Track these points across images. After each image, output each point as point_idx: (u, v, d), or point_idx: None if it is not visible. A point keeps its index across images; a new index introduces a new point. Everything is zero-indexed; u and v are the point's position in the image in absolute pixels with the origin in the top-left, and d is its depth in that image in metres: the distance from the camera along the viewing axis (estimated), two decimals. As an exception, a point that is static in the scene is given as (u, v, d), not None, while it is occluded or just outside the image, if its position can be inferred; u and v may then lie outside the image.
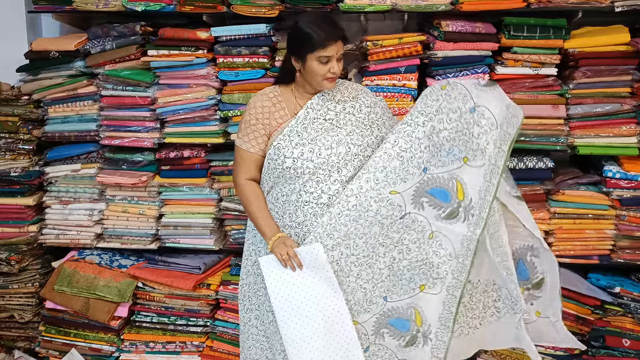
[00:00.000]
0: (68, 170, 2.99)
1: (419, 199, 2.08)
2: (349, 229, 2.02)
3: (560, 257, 2.81)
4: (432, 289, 2.13)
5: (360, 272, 2.07)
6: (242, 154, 2.12)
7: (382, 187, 2.03)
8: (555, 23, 2.65)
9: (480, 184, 2.07)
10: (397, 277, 2.11)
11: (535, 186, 2.79)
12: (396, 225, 2.07)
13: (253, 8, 2.75)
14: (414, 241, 2.10)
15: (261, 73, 2.83)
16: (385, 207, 2.04)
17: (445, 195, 2.09)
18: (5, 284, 3.01)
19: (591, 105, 2.72)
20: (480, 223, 2.05)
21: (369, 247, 2.06)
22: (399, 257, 2.10)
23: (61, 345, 2.99)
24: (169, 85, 2.88)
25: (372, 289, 2.09)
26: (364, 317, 2.11)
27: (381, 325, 2.14)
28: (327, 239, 2.01)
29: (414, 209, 2.08)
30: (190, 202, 2.97)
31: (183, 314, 2.95)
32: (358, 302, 2.08)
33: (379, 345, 2.17)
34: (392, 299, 2.13)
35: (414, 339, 2.16)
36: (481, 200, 2.06)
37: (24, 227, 3.04)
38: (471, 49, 2.71)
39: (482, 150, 2.05)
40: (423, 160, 2.06)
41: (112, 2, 2.84)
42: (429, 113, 2.04)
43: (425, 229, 2.11)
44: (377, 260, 2.08)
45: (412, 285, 2.13)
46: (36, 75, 2.97)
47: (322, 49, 1.98)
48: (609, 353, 2.76)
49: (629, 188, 2.74)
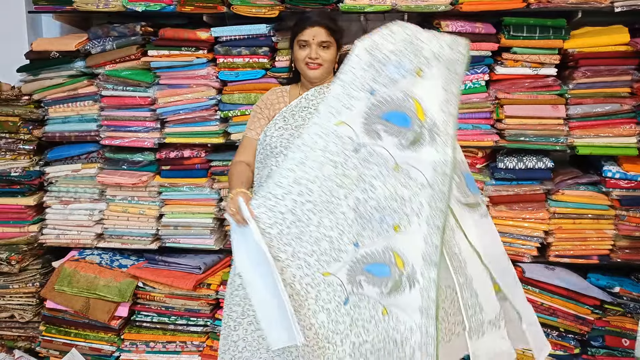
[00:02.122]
0: (68, 170, 2.99)
1: (373, 126, 1.81)
2: (297, 174, 1.84)
3: (560, 257, 2.82)
4: (408, 227, 1.84)
5: (321, 219, 1.87)
6: (243, 140, 2.19)
7: (324, 120, 1.81)
8: (554, 23, 2.66)
9: (440, 100, 1.79)
10: (366, 220, 1.87)
11: (535, 186, 2.80)
12: (351, 161, 1.83)
13: (253, 8, 2.76)
14: (376, 176, 1.83)
15: (261, 73, 2.83)
16: (333, 141, 1.81)
17: (404, 118, 1.80)
18: (6, 284, 3.01)
19: (591, 106, 2.72)
20: (448, 141, 1.76)
21: (325, 191, 1.85)
22: (363, 197, 1.86)
23: (61, 345, 2.99)
24: (169, 85, 2.88)
25: (338, 236, 1.89)
26: (335, 267, 1.92)
27: (356, 273, 1.92)
28: (275, 187, 1.87)
29: (369, 139, 1.82)
30: (190, 202, 2.98)
31: (183, 314, 2.95)
32: (325, 252, 1.90)
33: (358, 295, 1.95)
34: (364, 244, 1.89)
35: (398, 284, 1.89)
36: (445, 117, 1.78)
37: (24, 227, 3.05)
38: (471, 49, 2.71)
39: (436, 58, 1.79)
40: (367, 80, 1.79)
41: (112, 2, 2.84)
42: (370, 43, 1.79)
43: (388, 161, 1.82)
44: (339, 205, 1.86)
45: (384, 227, 1.86)
46: (36, 76, 2.97)
47: (301, 33, 2.06)
48: (609, 353, 2.77)
49: (628, 188, 2.75)
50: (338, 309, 1.98)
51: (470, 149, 2.81)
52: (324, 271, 1.92)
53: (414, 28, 1.79)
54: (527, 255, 2.83)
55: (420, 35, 1.78)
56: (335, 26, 2.10)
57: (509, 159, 2.77)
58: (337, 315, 1.98)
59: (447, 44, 1.80)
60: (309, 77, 2.12)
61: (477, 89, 2.75)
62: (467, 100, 2.74)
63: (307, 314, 1.96)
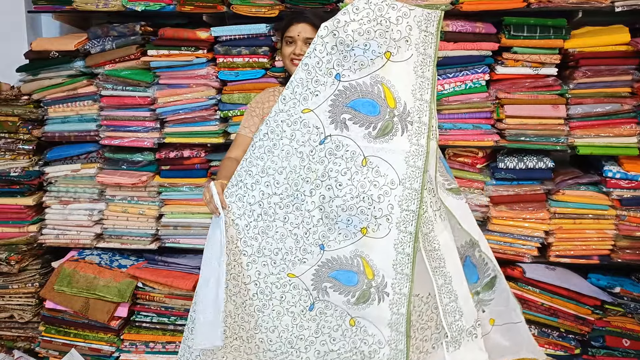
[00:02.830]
0: (68, 170, 2.99)
1: (339, 115, 1.71)
2: (266, 163, 1.78)
3: (560, 257, 2.82)
4: (377, 232, 1.74)
5: (287, 214, 1.79)
6: (236, 138, 2.23)
7: (291, 106, 1.74)
8: (555, 23, 2.65)
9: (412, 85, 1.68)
10: (332, 220, 1.77)
11: (535, 186, 2.79)
12: (317, 154, 1.74)
13: (253, 8, 2.75)
14: (343, 172, 1.73)
15: (261, 73, 2.83)
16: (299, 130, 1.74)
17: (372, 105, 1.70)
18: (5, 284, 3.01)
19: (591, 105, 2.72)
20: (423, 130, 1.66)
21: (291, 183, 1.78)
22: (329, 195, 1.75)
23: (61, 346, 2.98)
24: (168, 85, 2.88)
25: (304, 235, 1.80)
26: (301, 269, 1.83)
27: (322, 279, 1.83)
28: (246, 176, 1.82)
29: (335, 129, 1.72)
30: (190, 202, 2.97)
31: (183, 314, 2.94)
32: (290, 250, 1.82)
33: (324, 302, 1.87)
34: (330, 247, 1.78)
35: (366, 295, 1.80)
36: (418, 103, 1.67)
37: (23, 227, 3.04)
38: (471, 48, 2.71)
39: (406, 39, 1.68)
40: (332, 64, 1.69)
41: (112, 2, 2.84)
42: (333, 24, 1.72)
43: (356, 155, 1.72)
44: (304, 200, 1.77)
45: (351, 229, 1.76)
46: (36, 75, 2.96)
47: (287, 30, 2.12)
48: (609, 353, 2.76)
49: (629, 188, 2.74)
50: (303, 313, 1.89)
51: (470, 149, 2.81)
52: (289, 272, 1.84)
53: (380, 3, 1.66)
54: (528, 256, 2.83)
55: (387, 14, 1.66)
56: (321, 23, 2.09)
57: (510, 158, 2.76)
58: (302, 320, 1.89)
59: (417, 23, 1.67)
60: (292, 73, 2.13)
61: (478, 88, 2.74)
62: (467, 100, 2.74)
63: (271, 315, 1.90)
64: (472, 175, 2.81)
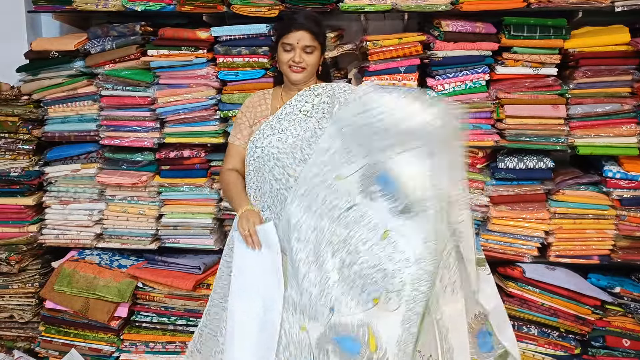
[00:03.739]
0: (68, 170, 2.99)
1: (368, 187, 1.78)
2: (301, 218, 1.83)
3: (560, 257, 2.82)
4: (387, 305, 1.77)
5: (308, 272, 1.83)
6: (229, 147, 2.24)
7: (326, 172, 1.82)
8: (555, 23, 2.65)
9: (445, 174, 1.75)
10: (348, 285, 1.80)
11: (535, 186, 2.79)
12: (344, 220, 1.80)
13: (253, 8, 2.75)
14: (363, 241, 1.79)
15: (261, 73, 2.83)
16: (331, 195, 1.79)
17: (390, 183, 1.77)
18: (5, 284, 3.01)
19: (591, 105, 2.72)
20: (444, 212, 1.72)
21: (318, 243, 1.82)
22: (348, 260, 1.80)
23: (61, 346, 2.98)
24: (168, 85, 2.88)
25: (318, 294, 1.81)
26: (312, 325, 1.84)
27: (326, 340, 1.82)
28: (286, 224, 1.86)
29: (363, 199, 1.78)
30: (190, 202, 2.97)
31: (183, 314, 2.95)
32: (305, 307, 1.84)
33: None
34: (340, 311, 1.79)
35: None
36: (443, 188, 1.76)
37: (23, 227, 3.04)
38: (471, 48, 2.71)
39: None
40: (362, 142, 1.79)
41: (112, 2, 2.84)
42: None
43: (378, 227, 1.77)
44: (325, 261, 1.80)
45: (364, 297, 1.78)
46: (36, 75, 2.96)
47: (285, 36, 2.09)
48: (609, 353, 2.77)
49: (629, 188, 2.74)
50: None
51: (470, 149, 2.80)
52: (303, 325, 1.86)
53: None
54: (528, 256, 2.83)
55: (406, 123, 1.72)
56: (320, 30, 2.11)
57: (510, 158, 2.76)
58: None
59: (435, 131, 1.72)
60: (292, 80, 2.14)
61: (478, 88, 2.74)
62: (467, 100, 2.74)
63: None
64: (472, 175, 2.81)
